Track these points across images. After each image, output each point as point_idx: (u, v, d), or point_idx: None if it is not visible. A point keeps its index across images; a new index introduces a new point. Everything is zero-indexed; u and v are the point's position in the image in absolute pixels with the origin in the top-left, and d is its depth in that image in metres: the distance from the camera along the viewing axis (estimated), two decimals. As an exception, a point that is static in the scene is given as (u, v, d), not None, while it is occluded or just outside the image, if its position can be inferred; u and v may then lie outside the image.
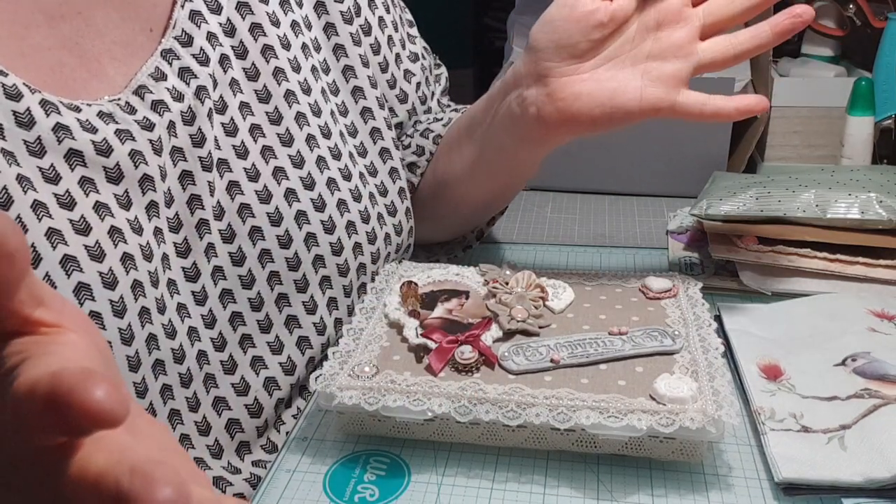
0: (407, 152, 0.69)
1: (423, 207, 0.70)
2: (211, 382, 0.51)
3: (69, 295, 0.41)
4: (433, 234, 0.73)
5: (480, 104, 0.65)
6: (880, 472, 0.44)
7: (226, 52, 0.53)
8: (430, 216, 0.70)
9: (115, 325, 0.43)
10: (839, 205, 0.68)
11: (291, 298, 0.55)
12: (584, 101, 0.55)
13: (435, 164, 0.69)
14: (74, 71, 0.46)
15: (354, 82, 0.63)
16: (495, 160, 0.64)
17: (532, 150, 0.61)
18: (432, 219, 0.71)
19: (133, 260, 0.45)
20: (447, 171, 0.68)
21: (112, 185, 0.45)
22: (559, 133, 0.58)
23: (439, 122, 0.70)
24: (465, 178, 0.66)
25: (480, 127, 0.64)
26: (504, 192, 0.69)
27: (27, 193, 0.41)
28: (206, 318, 0.51)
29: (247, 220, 0.52)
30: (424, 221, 0.70)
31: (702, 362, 0.49)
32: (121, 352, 0.43)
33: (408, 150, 0.69)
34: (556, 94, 0.56)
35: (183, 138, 0.49)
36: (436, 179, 0.69)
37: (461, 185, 0.67)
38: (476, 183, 0.66)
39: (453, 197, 0.69)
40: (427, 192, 0.70)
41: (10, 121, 0.41)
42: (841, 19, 0.96)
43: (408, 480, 0.48)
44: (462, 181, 0.67)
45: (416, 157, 0.69)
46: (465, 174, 0.66)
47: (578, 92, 0.55)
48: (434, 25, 1.00)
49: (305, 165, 0.56)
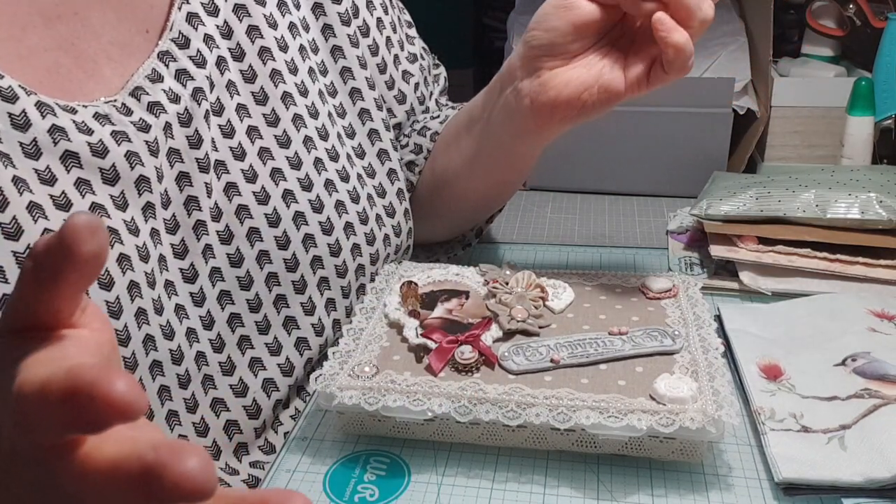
0: (405, 151, 0.69)
1: (422, 206, 0.70)
2: (209, 383, 0.51)
3: None
4: (433, 233, 0.73)
5: (478, 100, 0.65)
6: (880, 472, 0.44)
7: (223, 54, 0.53)
8: (430, 214, 0.70)
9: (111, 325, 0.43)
10: (839, 205, 0.68)
11: (290, 299, 0.55)
12: (573, 86, 0.55)
13: (433, 161, 0.69)
14: (71, 72, 0.46)
15: (352, 84, 0.63)
16: (494, 154, 0.64)
17: (530, 142, 0.61)
18: (431, 217, 0.71)
19: (129, 261, 0.45)
20: (446, 167, 0.68)
21: (108, 186, 0.45)
22: (554, 121, 0.58)
23: (436, 120, 0.70)
24: (464, 174, 0.67)
25: (478, 122, 0.64)
26: (503, 188, 0.69)
27: (23, 195, 0.41)
28: (205, 319, 0.51)
29: (244, 221, 0.52)
30: (424, 220, 0.69)
31: (702, 362, 0.49)
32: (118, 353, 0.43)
33: (406, 148, 0.69)
34: (548, 83, 0.56)
35: (180, 140, 0.49)
36: (434, 177, 0.69)
37: (460, 181, 0.67)
38: (475, 178, 0.66)
39: (452, 194, 0.69)
40: (426, 190, 0.70)
41: (5, 123, 0.41)
42: (841, 19, 0.96)
43: (408, 480, 0.48)
44: (461, 177, 0.67)
45: (414, 156, 0.69)
46: (464, 170, 0.66)
47: (568, 78, 0.56)
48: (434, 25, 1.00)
49: (303, 167, 0.56)
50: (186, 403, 0.49)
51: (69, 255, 0.26)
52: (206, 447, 0.51)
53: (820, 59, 0.97)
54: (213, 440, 0.51)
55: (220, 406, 0.51)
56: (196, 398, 0.50)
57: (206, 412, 0.51)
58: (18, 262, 0.40)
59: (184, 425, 0.49)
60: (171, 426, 0.48)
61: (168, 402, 0.47)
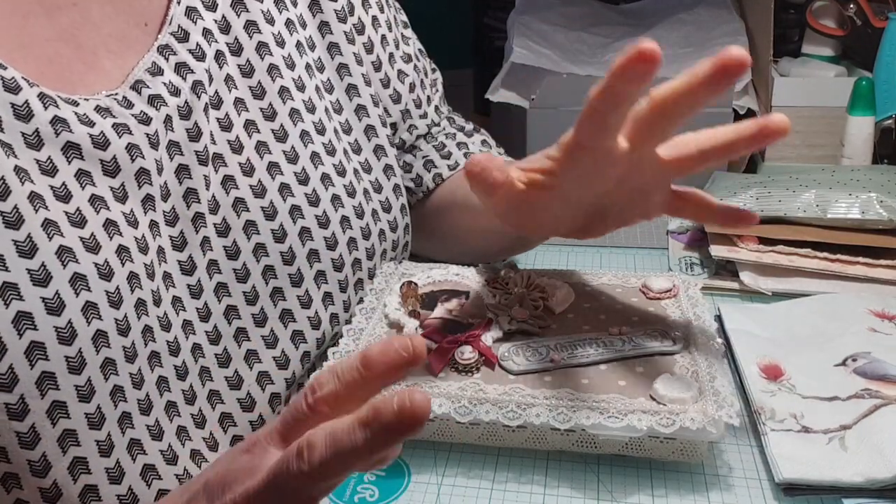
0: (406, 177, 0.69)
1: (425, 223, 0.70)
2: (206, 375, 0.51)
3: (65, 285, 0.42)
4: (436, 253, 0.73)
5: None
6: (880, 472, 0.44)
7: (221, 48, 0.53)
8: (432, 235, 0.70)
9: (111, 315, 0.44)
10: (839, 205, 0.68)
11: (286, 292, 0.55)
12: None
13: (439, 201, 0.69)
14: (72, 63, 0.46)
15: (349, 80, 0.63)
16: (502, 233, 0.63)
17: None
18: (434, 238, 0.71)
19: (128, 252, 0.45)
20: (453, 224, 0.68)
21: (108, 178, 0.46)
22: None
23: (445, 161, 0.69)
24: (473, 231, 0.66)
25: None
26: (521, 246, 0.69)
27: (24, 185, 0.42)
28: (201, 311, 0.51)
29: (241, 214, 0.53)
30: (426, 239, 0.70)
31: (702, 362, 0.49)
32: (117, 342, 0.44)
33: (407, 174, 0.69)
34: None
35: (179, 132, 0.49)
36: (439, 207, 0.69)
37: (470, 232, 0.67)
38: (485, 238, 0.66)
39: (459, 226, 0.68)
40: (430, 210, 0.70)
41: (8, 113, 0.42)
42: (841, 19, 0.96)
43: (408, 480, 0.48)
44: (471, 231, 0.67)
45: (413, 185, 0.69)
46: (471, 229, 0.66)
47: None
48: (434, 25, 1.00)
49: (300, 161, 0.56)
50: (185, 395, 0.49)
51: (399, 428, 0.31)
52: (204, 438, 0.51)
53: (820, 58, 0.97)
54: (210, 432, 0.51)
55: (215, 398, 0.52)
56: (194, 390, 0.50)
57: (203, 404, 0.51)
58: (19, 252, 0.41)
59: (182, 416, 0.49)
60: (171, 417, 0.48)
61: (167, 392, 0.47)
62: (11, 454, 0.41)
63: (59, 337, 0.41)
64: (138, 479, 0.45)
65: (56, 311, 0.41)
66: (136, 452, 0.45)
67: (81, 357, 0.42)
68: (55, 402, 0.41)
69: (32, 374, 0.40)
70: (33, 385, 0.40)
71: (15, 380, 0.40)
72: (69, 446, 0.42)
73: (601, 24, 1.08)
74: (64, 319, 0.41)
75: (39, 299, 0.41)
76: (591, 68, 0.99)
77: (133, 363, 0.45)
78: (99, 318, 0.43)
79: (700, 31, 1.01)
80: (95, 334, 0.42)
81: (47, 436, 0.41)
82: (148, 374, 0.46)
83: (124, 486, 0.44)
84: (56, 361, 0.41)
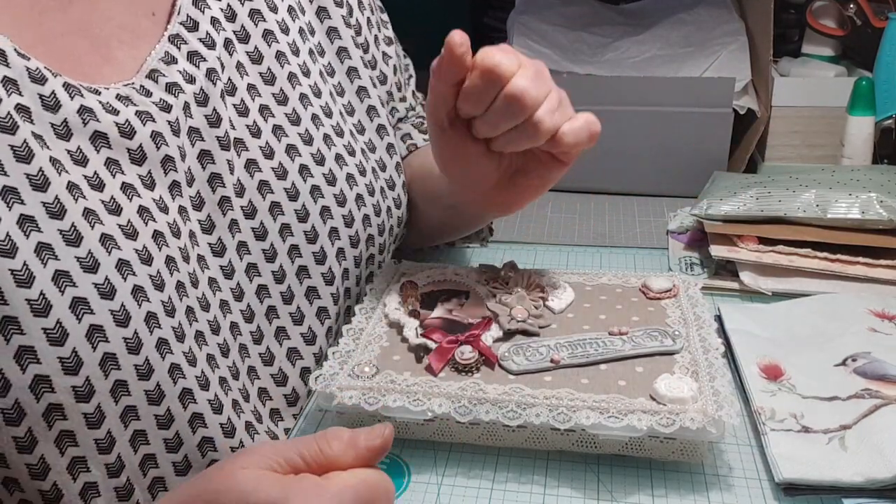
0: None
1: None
2: (244, 352, 0.53)
3: (112, 270, 0.43)
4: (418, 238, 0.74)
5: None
6: (881, 472, 0.44)
7: (229, 36, 0.55)
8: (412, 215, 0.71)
9: (157, 298, 0.45)
10: (840, 205, 0.68)
11: (311, 270, 0.57)
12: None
13: (410, 172, 0.70)
14: (87, 55, 0.47)
15: (349, 63, 0.65)
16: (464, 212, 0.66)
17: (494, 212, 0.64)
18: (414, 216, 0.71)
19: (164, 237, 0.46)
20: (416, 195, 0.70)
21: (136, 166, 0.46)
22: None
23: (422, 136, 0.72)
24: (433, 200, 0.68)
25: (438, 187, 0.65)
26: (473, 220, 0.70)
27: (61, 175, 0.42)
28: (235, 291, 0.52)
29: (266, 195, 0.54)
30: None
31: (702, 362, 0.49)
32: (167, 323, 0.45)
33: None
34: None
35: (199, 119, 0.50)
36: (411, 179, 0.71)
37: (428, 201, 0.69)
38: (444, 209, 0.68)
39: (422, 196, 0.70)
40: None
41: (36, 104, 0.42)
42: (841, 19, 0.96)
43: (408, 480, 0.48)
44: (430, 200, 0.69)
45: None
46: (430, 198, 0.68)
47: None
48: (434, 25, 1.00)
49: (314, 142, 0.58)
50: (231, 371, 0.51)
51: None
52: (252, 411, 0.52)
53: (820, 58, 0.97)
54: (254, 406, 0.53)
55: (253, 374, 0.53)
56: (237, 366, 0.52)
57: (245, 380, 0.53)
58: (66, 241, 0.41)
59: (233, 391, 0.50)
60: (225, 391, 0.49)
61: (217, 369, 0.49)
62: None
63: (116, 320, 0.42)
64: (195, 452, 0.47)
65: (109, 296, 0.42)
66: (196, 426, 0.46)
67: (138, 338, 0.43)
68: (118, 381, 0.42)
69: (95, 356, 0.41)
70: (97, 366, 0.41)
71: (79, 363, 0.41)
72: (130, 420, 0.44)
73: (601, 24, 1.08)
74: (117, 303, 0.42)
75: (92, 285, 0.42)
76: (591, 68, 0.99)
77: (184, 343, 0.46)
78: (147, 300, 0.44)
79: (700, 31, 1.01)
80: (147, 316, 0.43)
81: (111, 413, 0.43)
82: (197, 352, 0.47)
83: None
84: (115, 344, 0.42)
